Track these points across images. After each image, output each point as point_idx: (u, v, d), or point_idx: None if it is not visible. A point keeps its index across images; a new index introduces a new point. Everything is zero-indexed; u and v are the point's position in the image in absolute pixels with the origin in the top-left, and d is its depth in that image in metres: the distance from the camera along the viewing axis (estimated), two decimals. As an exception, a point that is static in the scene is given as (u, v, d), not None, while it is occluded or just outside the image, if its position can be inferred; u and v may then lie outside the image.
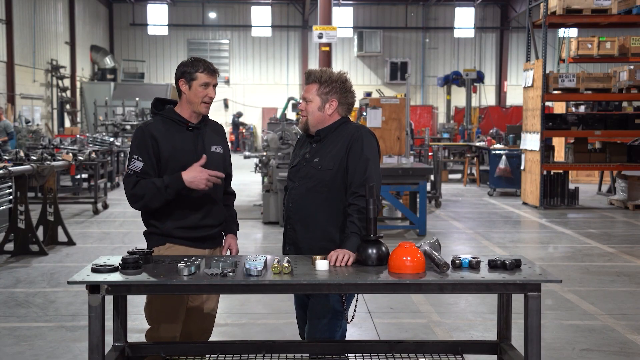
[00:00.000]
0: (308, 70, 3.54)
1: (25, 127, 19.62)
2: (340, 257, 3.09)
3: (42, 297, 6.18)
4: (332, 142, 3.42)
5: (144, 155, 3.40)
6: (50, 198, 8.69)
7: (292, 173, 3.51)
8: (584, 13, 12.22)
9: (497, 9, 33.11)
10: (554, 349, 4.83)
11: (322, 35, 13.52)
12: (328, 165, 3.37)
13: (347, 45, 32.28)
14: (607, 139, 13.09)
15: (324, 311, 3.39)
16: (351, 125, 3.47)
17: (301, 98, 3.53)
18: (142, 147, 3.42)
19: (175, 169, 3.40)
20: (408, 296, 6.06)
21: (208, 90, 3.45)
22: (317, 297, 3.39)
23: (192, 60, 3.47)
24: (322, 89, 3.42)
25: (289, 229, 3.48)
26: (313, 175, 3.39)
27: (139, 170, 3.39)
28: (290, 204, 3.45)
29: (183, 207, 3.45)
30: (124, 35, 32.51)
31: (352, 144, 3.35)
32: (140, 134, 3.45)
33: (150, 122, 3.52)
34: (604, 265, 7.75)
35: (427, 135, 14.42)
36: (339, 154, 3.37)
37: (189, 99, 3.46)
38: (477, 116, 25.89)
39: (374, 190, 3.13)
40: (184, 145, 3.45)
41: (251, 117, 32.10)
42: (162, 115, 3.52)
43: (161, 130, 3.45)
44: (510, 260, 3.06)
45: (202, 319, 3.62)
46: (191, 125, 3.49)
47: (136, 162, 3.40)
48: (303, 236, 3.40)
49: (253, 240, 9.24)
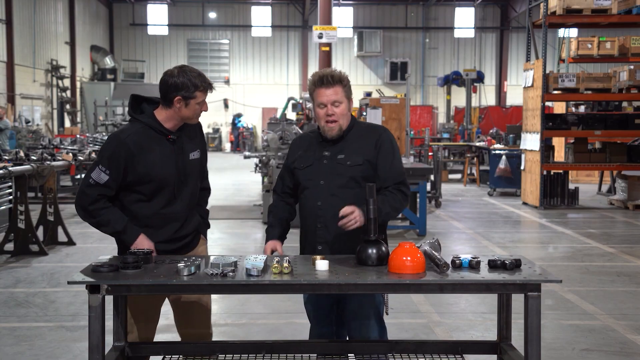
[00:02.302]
0: (324, 72, 3.39)
1: (25, 127, 19.63)
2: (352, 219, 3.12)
3: (42, 297, 6.18)
4: (353, 139, 3.41)
5: (113, 169, 3.24)
6: (50, 198, 8.69)
7: (311, 172, 3.41)
8: (584, 13, 12.21)
9: (497, 9, 33.11)
10: (554, 349, 4.83)
11: (322, 35, 13.53)
12: (357, 160, 3.36)
13: (347, 45, 32.28)
14: (607, 139, 13.09)
15: (370, 311, 3.40)
16: (367, 123, 3.57)
17: (325, 103, 3.35)
18: (113, 160, 3.25)
19: (150, 182, 3.30)
20: (408, 296, 6.06)
21: (204, 106, 3.36)
22: (360, 297, 3.37)
23: (190, 77, 3.25)
24: (345, 90, 3.38)
25: (319, 227, 3.38)
26: (342, 171, 3.36)
27: (102, 183, 3.25)
28: (318, 202, 3.37)
29: (157, 220, 3.38)
30: (124, 35, 32.52)
31: (382, 144, 3.40)
32: (115, 145, 3.27)
33: (129, 131, 3.31)
34: (604, 265, 7.75)
35: (427, 135, 14.42)
36: (367, 151, 3.38)
37: (182, 115, 3.31)
38: (477, 116, 25.89)
39: (374, 190, 3.13)
40: (163, 159, 3.32)
41: (251, 117, 32.11)
42: (142, 122, 3.33)
43: (139, 142, 3.27)
44: (510, 260, 3.06)
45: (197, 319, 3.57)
46: (172, 138, 3.35)
47: (102, 174, 3.25)
48: (337, 234, 3.34)
49: (253, 240, 9.24)
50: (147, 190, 3.33)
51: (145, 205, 3.35)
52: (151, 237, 3.35)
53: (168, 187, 3.36)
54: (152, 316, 3.52)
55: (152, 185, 3.31)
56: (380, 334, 3.47)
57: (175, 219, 3.41)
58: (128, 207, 3.36)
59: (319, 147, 3.45)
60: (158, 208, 3.36)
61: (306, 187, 3.43)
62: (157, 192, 3.34)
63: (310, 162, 3.43)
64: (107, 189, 3.27)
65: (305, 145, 3.53)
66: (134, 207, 3.35)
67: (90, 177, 3.28)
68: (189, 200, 3.45)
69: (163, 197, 3.36)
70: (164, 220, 3.38)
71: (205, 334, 3.61)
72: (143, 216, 3.36)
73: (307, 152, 3.48)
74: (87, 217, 3.34)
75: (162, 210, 3.37)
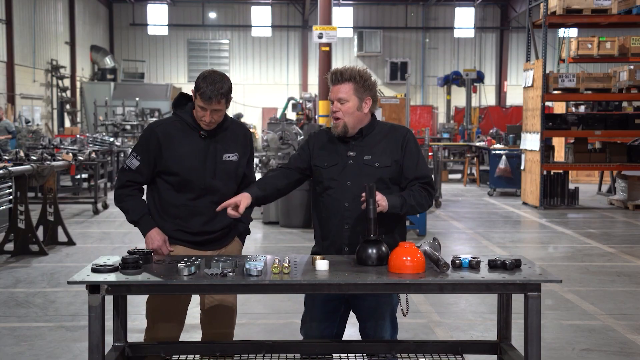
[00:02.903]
0: (335, 69, 3.37)
1: (25, 127, 19.63)
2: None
3: (42, 297, 6.18)
4: (377, 140, 3.39)
5: (143, 155, 3.46)
6: (50, 198, 8.69)
7: (336, 172, 3.34)
8: (584, 13, 12.21)
9: (497, 9, 33.10)
10: (554, 349, 4.83)
11: (322, 35, 13.51)
12: (385, 162, 3.34)
13: (347, 45, 32.26)
14: (607, 139, 13.09)
15: (386, 311, 3.40)
16: (389, 123, 3.54)
17: (332, 99, 3.36)
18: (144, 147, 3.47)
19: (178, 173, 3.40)
20: (408, 296, 6.05)
21: (204, 113, 3.35)
22: (377, 297, 3.35)
23: (203, 77, 3.34)
24: (357, 87, 3.32)
25: (346, 229, 3.33)
26: (370, 172, 3.32)
27: (134, 168, 3.48)
28: (346, 203, 3.32)
29: (186, 212, 3.45)
30: (124, 35, 32.50)
31: (407, 144, 3.40)
32: (147, 134, 3.49)
33: (163, 122, 3.53)
34: (604, 265, 7.75)
35: (427, 135, 14.42)
36: (394, 152, 3.36)
37: (195, 113, 3.43)
38: (477, 116, 25.88)
39: (374, 190, 3.13)
40: (191, 153, 3.41)
41: (251, 117, 32.10)
42: (179, 116, 3.47)
43: (170, 133, 3.43)
44: (510, 260, 3.06)
45: (221, 319, 3.60)
46: (203, 134, 3.43)
47: (134, 160, 3.48)
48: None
49: (253, 240, 9.24)
50: (175, 180, 3.44)
51: (174, 195, 3.47)
52: (180, 227, 3.46)
53: (194, 180, 3.43)
54: (175, 316, 3.52)
55: (179, 176, 3.42)
56: (392, 334, 3.47)
57: (201, 212, 3.46)
58: (161, 195, 3.50)
59: (342, 146, 3.39)
60: (185, 200, 3.45)
61: (330, 186, 3.36)
62: (184, 184, 3.44)
63: (335, 162, 3.37)
64: (137, 175, 3.48)
65: (323, 141, 3.45)
66: (165, 195, 3.49)
67: (125, 164, 3.53)
68: (219, 198, 3.41)
69: (190, 189, 3.44)
70: (191, 213, 3.46)
71: (227, 334, 3.63)
72: (172, 205, 3.47)
73: (328, 150, 3.41)
74: (116, 201, 3.58)
75: (189, 203, 3.45)
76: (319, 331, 3.47)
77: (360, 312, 3.44)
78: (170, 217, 3.47)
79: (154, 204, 3.53)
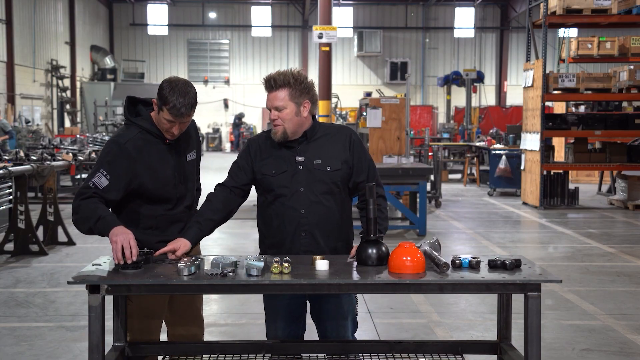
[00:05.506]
0: (269, 76, 3.23)
1: (25, 127, 19.64)
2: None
3: (42, 297, 6.18)
4: (323, 142, 3.32)
5: (113, 174, 3.18)
6: (50, 198, 8.69)
7: (286, 179, 3.25)
8: (584, 13, 12.21)
9: (497, 9, 33.12)
10: (554, 349, 4.83)
11: (322, 35, 13.50)
12: (336, 165, 3.29)
13: (347, 45, 32.28)
14: (607, 139, 13.09)
15: (348, 311, 3.39)
16: (330, 124, 3.48)
17: (269, 108, 3.24)
18: (114, 165, 3.19)
19: (152, 186, 3.29)
20: (408, 296, 6.06)
21: (172, 126, 3.21)
22: (338, 297, 3.35)
23: (170, 88, 3.15)
24: (293, 92, 3.20)
25: (303, 236, 3.27)
26: (322, 177, 3.27)
27: (101, 188, 3.16)
28: (302, 210, 3.25)
29: (164, 222, 3.39)
30: (124, 35, 32.52)
31: (353, 144, 3.34)
32: (116, 151, 3.22)
33: (128, 136, 3.26)
34: (604, 265, 7.75)
35: (427, 135, 14.42)
36: (342, 154, 3.32)
37: (157, 121, 3.26)
38: (477, 116, 25.89)
39: (374, 190, 3.13)
40: (163, 164, 3.32)
41: (251, 117, 32.10)
42: (139, 126, 3.28)
43: (139, 147, 3.25)
44: (510, 260, 3.06)
45: (190, 321, 3.58)
46: (170, 142, 3.33)
47: (102, 178, 3.17)
48: (323, 241, 3.29)
49: (253, 240, 9.22)
50: (150, 193, 3.32)
51: (150, 208, 3.35)
52: (157, 238, 3.33)
53: (169, 189, 3.36)
54: (155, 314, 3.50)
55: (154, 189, 3.31)
56: (353, 333, 3.47)
57: (179, 219, 3.42)
58: (135, 210, 3.35)
59: (287, 152, 3.29)
60: (162, 210, 3.37)
61: (282, 194, 3.26)
62: (160, 195, 3.34)
63: (283, 168, 3.26)
64: (104, 193, 3.18)
65: (266, 147, 3.33)
66: (141, 210, 3.35)
67: (90, 181, 3.20)
68: (190, 201, 3.47)
69: (165, 199, 3.36)
70: (168, 222, 3.40)
71: (196, 333, 3.60)
72: (149, 218, 3.37)
73: (274, 157, 3.30)
74: (74, 212, 3.19)
75: (166, 213, 3.38)
76: (286, 333, 3.44)
77: (321, 312, 3.42)
78: (150, 230, 3.35)
79: (129, 220, 3.31)
